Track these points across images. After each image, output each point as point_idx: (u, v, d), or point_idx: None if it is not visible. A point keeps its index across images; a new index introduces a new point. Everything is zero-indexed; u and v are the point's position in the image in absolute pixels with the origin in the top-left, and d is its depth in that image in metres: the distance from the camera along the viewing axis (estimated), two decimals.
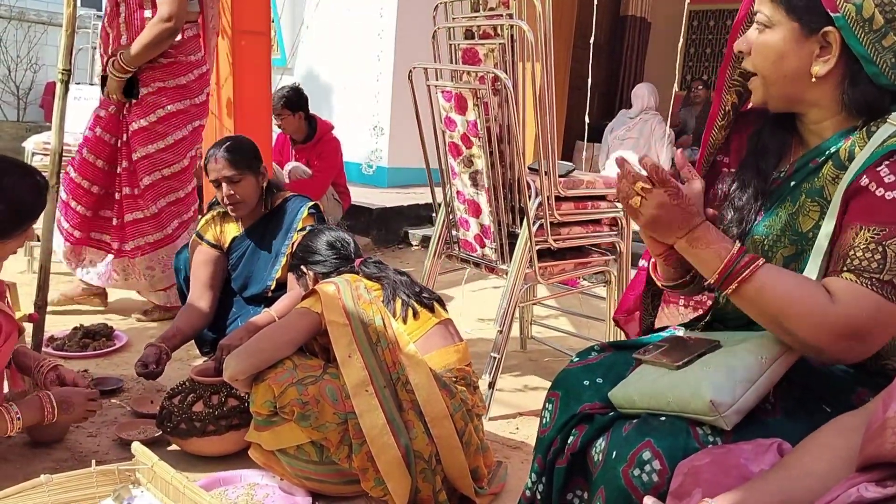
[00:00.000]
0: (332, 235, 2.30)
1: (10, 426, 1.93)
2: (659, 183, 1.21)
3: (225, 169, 2.57)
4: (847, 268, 1.12)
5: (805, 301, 1.11)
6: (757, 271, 1.15)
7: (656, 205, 1.22)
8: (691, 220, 1.21)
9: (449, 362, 2.08)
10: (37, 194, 1.96)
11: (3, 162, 1.94)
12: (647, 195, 1.22)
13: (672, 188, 1.20)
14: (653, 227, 1.26)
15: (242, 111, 3.76)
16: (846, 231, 1.15)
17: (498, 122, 2.55)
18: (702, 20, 9.26)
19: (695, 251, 1.22)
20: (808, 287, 1.13)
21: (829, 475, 0.93)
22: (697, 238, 1.21)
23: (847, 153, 1.21)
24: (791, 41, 1.20)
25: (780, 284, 1.14)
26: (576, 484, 1.30)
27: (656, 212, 1.22)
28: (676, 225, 1.22)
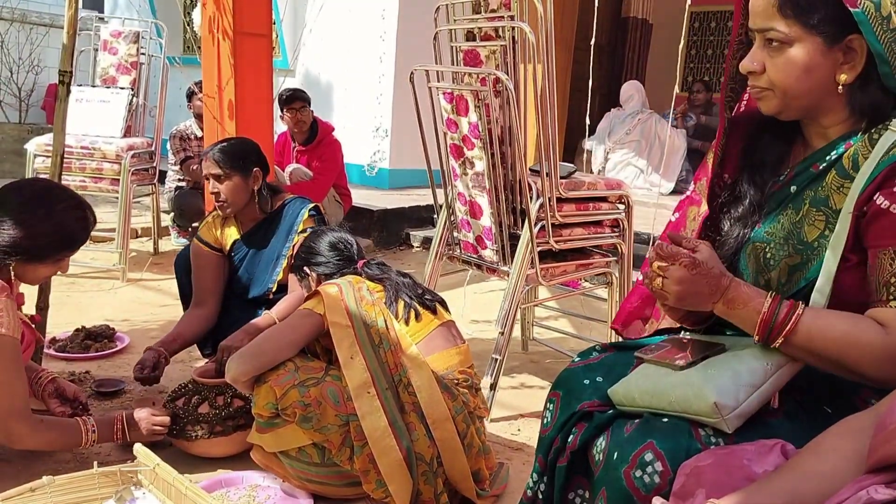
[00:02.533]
0: (335, 236, 2.30)
1: (85, 439, 2.00)
2: (669, 259, 1.20)
3: (213, 167, 2.59)
4: (894, 296, 1.12)
5: (860, 339, 1.11)
6: (799, 321, 1.14)
7: (677, 280, 1.20)
8: (719, 282, 1.19)
9: (451, 364, 2.07)
10: (83, 228, 2.02)
11: (60, 190, 2.04)
12: (666, 273, 1.21)
13: (685, 259, 1.18)
14: (683, 303, 1.23)
15: (244, 113, 3.75)
16: (876, 257, 1.14)
17: (499, 123, 2.55)
18: (703, 21, 9.26)
19: (734, 312, 1.20)
20: (859, 324, 1.13)
21: (836, 476, 0.93)
22: (732, 300, 1.19)
23: (850, 161, 1.20)
24: (817, 55, 1.18)
25: (828, 328, 1.13)
26: (577, 483, 1.30)
27: (679, 287, 1.20)
28: (706, 293, 1.20)
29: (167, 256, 4.76)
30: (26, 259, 1.93)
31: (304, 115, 4.66)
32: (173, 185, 5.14)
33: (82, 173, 4.34)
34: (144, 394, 2.65)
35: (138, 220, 5.33)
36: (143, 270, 4.40)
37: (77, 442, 1.99)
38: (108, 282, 4.16)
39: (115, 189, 4.33)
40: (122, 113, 4.56)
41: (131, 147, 4.38)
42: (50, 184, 2.08)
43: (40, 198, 1.96)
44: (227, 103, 3.70)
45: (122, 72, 4.82)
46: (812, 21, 1.16)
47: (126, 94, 4.64)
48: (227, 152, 2.60)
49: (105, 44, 4.85)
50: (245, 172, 2.62)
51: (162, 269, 4.47)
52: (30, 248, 1.91)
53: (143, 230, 5.32)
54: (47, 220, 1.92)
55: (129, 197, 4.32)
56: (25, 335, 1.96)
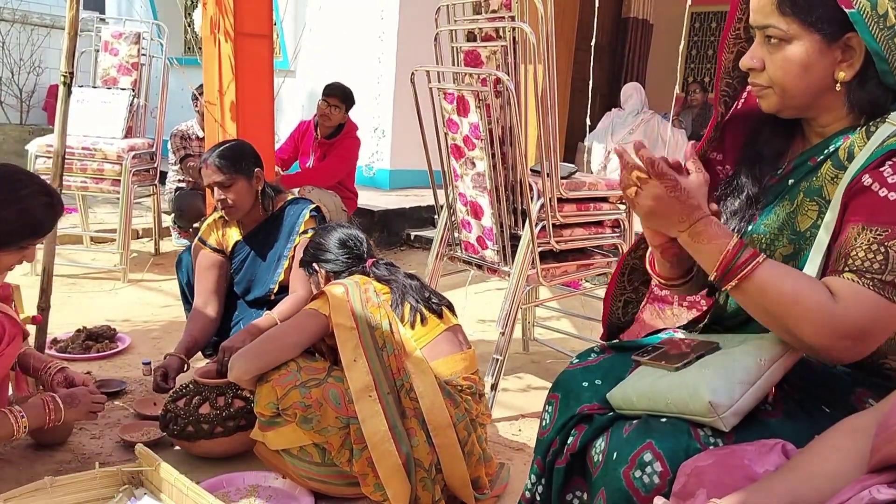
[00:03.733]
0: (345, 233, 2.27)
1: (16, 427, 1.91)
2: (655, 176, 1.19)
3: (215, 174, 2.57)
4: (849, 268, 1.11)
5: (807, 300, 1.10)
6: (758, 268, 1.14)
7: (652, 196, 1.20)
8: (692, 213, 1.19)
9: (456, 370, 2.06)
10: (48, 214, 1.94)
11: (24, 175, 1.95)
12: (644, 185, 1.21)
13: (669, 180, 1.18)
14: (651, 219, 1.24)
15: (245, 114, 3.76)
16: (847, 230, 1.14)
17: (500, 123, 2.55)
18: (703, 22, 9.26)
19: (697, 245, 1.20)
20: (811, 285, 1.12)
21: (837, 476, 0.93)
22: (699, 232, 1.19)
23: (846, 153, 1.21)
24: (815, 52, 1.18)
25: (782, 282, 1.13)
26: (575, 484, 1.30)
27: (652, 203, 1.20)
28: (676, 218, 1.20)
29: (168, 257, 4.76)
30: None
31: (333, 114, 4.58)
32: (173, 186, 5.14)
33: (83, 174, 4.34)
34: (146, 394, 2.66)
35: (139, 221, 5.34)
36: (144, 271, 4.40)
37: (9, 432, 1.90)
38: (109, 282, 4.16)
39: (116, 190, 4.34)
40: (122, 114, 4.56)
41: (132, 148, 4.39)
42: (14, 168, 1.97)
43: (3, 182, 1.87)
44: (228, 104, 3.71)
45: (122, 73, 4.83)
46: (810, 19, 1.17)
47: (127, 94, 4.65)
48: (226, 157, 2.59)
49: (106, 45, 4.85)
50: (248, 175, 2.62)
51: (163, 270, 4.47)
52: None
53: (143, 231, 5.33)
54: (10, 205, 1.84)
55: (130, 197, 4.32)
56: (7, 329, 1.89)
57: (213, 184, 2.59)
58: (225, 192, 2.59)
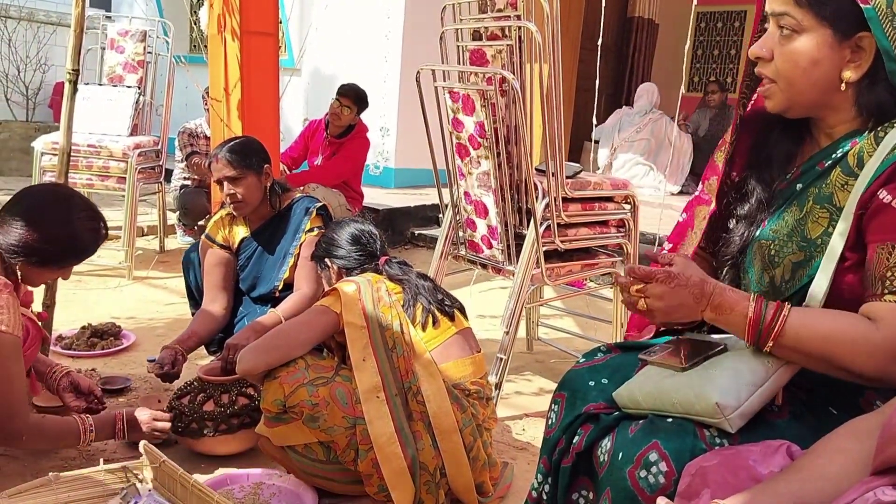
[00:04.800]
0: (359, 229, 2.25)
1: (83, 438, 1.99)
2: (645, 279, 1.20)
3: (226, 168, 2.58)
4: (888, 290, 1.10)
5: (849, 334, 1.10)
6: (787, 320, 1.13)
7: (657, 296, 1.20)
8: (702, 289, 1.19)
9: (465, 374, 2.05)
10: (94, 240, 2.03)
11: (79, 199, 2.04)
12: (645, 293, 1.21)
13: (660, 274, 1.19)
14: (672, 316, 1.23)
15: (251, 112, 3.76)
16: (875, 251, 1.13)
17: (505, 123, 2.54)
18: (709, 21, 9.25)
19: (723, 318, 1.19)
20: (848, 320, 1.12)
21: (841, 478, 0.92)
22: (719, 305, 1.19)
23: (856, 159, 1.19)
24: (825, 48, 1.17)
25: (816, 326, 1.12)
26: (581, 484, 1.30)
27: (662, 303, 1.20)
28: (691, 302, 1.20)
29: (173, 254, 4.77)
30: (33, 262, 1.93)
31: (344, 114, 4.58)
32: (179, 184, 5.15)
33: (89, 171, 4.36)
34: (150, 391, 2.66)
35: (144, 218, 5.35)
36: (149, 268, 4.41)
37: (75, 441, 1.99)
38: (114, 280, 4.17)
39: (121, 187, 4.35)
40: (128, 111, 4.58)
41: (138, 145, 4.39)
42: (70, 192, 2.08)
43: (58, 204, 1.96)
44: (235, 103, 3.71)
45: (128, 70, 4.84)
46: (825, 13, 1.16)
47: (133, 92, 4.66)
48: (237, 152, 2.60)
49: (112, 42, 4.86)
50: (257, 170, 2.63)
51: (168, 267, 4.48)
52: (39, 251, 1.91)
53: (149, 228, 5.34)
54: (62, 226, 1.93)
55: (135, 195, 4.34)
56: (31, 332, 1.96)
57: (224, 178, 2.59)
58: (234, 186, 2.59)
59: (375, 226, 2.33)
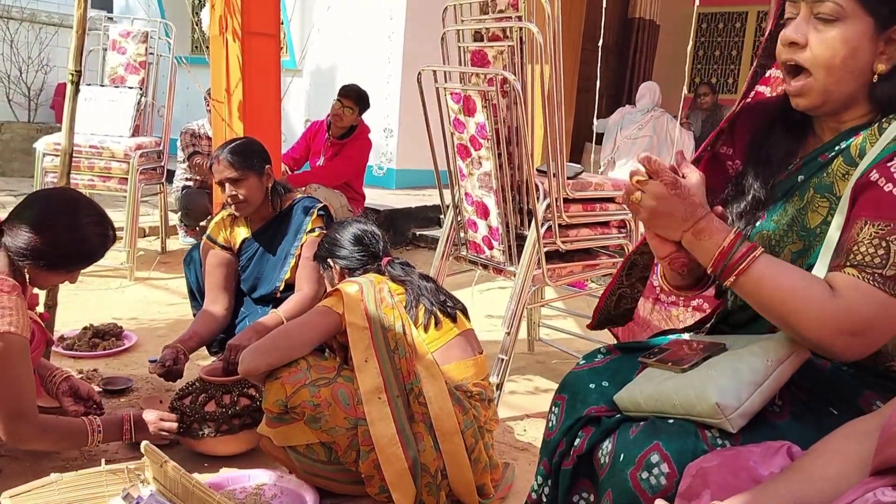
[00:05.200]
0: (361, 229, 2.24)
1: (91, 439, 1.99)
2: (654, 173, 1.17)
3: (227, 170, 2.58)
4: (850, 263, 1.11)
5: (806, 295, 1.10)
6: (754, 262, 1.13)
7: (654, 195, 1.17)
8: (694, 210, 1.17)
9: (467, 376, 2.05)
10: (102, 244, 2.03)
11: (87, 203, 2.04)
12: (644, 187, 1.18)
13: (667, 176, 1.16)
14: (654, 222, 1.21)
15: (252, 113, 3.77)
16: (852, 225, 1.13)
17: (506, 123, 2.55)
18: (710, 22, 9.25)
19: (699, 244, 1.18)
20: (810, 281, 1.12)
21: (841, 479, 0.92)
22: (702, 230, 1.17)
23: (858, 149, 1.20)
24: (865, 37, 1.15)
25: (780, 277, 1.12)
26: (582, 486, 1.30)
27: (654, 203, 1.18)
28: (679, 217, 1.18)
29: (175, 255, 4.78)
30: (41, 266, 1.93)
31: (346, 114, 4.58)
32: (181, 184, 5.15)
33: (91, 172, 4.36)
34: (152, 392, 2.66)
35: (146, 219, 5.35)
36: (151, 269, 4.42)
37: (83, 442, 2.00)
38: (115, 280, 4.18)
39: (123, 188, 4.36)
40: (130, 112, 4.58)
41: (139, 146, 4.40)
42: (78, 196, 2.08)
43: (67, 209, 1.97)
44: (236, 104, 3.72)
45: (130, 71, 4.84)
46: (870, 2, 1.14)
47: (134, 93, 4.66)
48: (238, 153, 2.60)
49: (114, 43, 4.87)
50: (259, 171, 2.63)
51: (169, 268, 4.49)
52: (47, 255, 1.91)
53: (150, 229, 5.34)
54: (71, 231, 1.94)
55: (137, 196, 4.34)
56: (35, 334, 1.97)
57: (225, 179, 2.59)
58: (236, 187, 2.59)
59: (378, 226, 2.33)
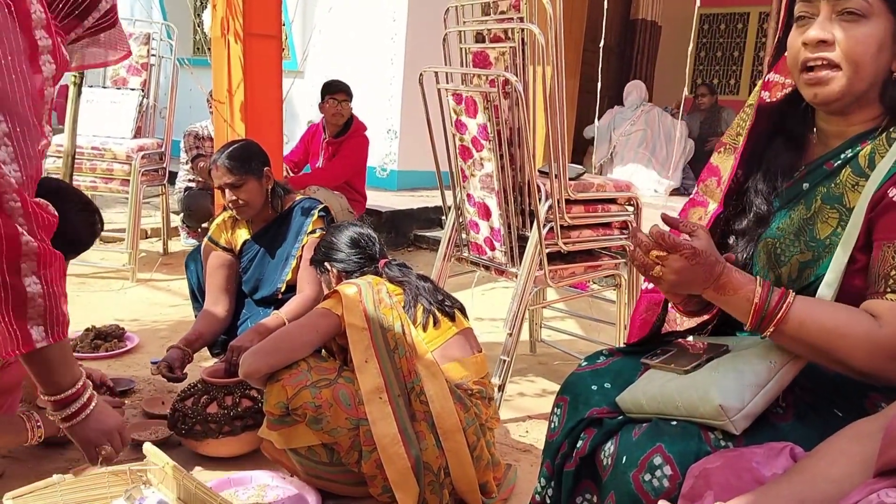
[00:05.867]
0: (357, 232, 2.25)
1: (31, 434, 1.92)
2: (671, 249, 1.17)
3: (226, 176, 2.58)
4: (891, 289, 1.10)
5: (851, 329, 1.09)
6: (791, 309, 1.12)
7: (675, 270, 1.17)
8: (712, 270, 1.17)
9: (466, 374, 2.06)
10: (90, 233, 1.98)
11: (70, 191, 1.99)
12: (665, 262, 1.18)
13: (686, 250, 1.16)
14: (677, 289, 1.22)
15: (254, 115, 3.77)
16: (880, 249, 1.13)
17: (508, 125, 2.55)
18: (712, 24, 9.25)
19: (725, 299, 1.18)
20: (851, 314, 1.12)
21: (844, 480, 0.92)
22: (723, 286, 1.17)
23: (867, 159, 1.19)
24: (888, 35, 1.17)
25: (820, 317, 1.12)
26: (585, 487, 1.30)
27: (676, 277, 1.18)
28: (700, 280, 1.17)
29: (177, 257, 4.78)
30: None
31: (343, 108, 4.56)
32: (183, 186, 5.16)
33: (93, 174, 4.36)
34: (154, 393, 2.67)
35: (148, 221, 5.36)
36: (153, 271, 4.42)
37: (23, 438, 1.91)
38: (117, 282, 4.18)
39: (125, 189, 4.36)
40: (132, 114, 4.59)
41: (141, 148, 4.40)
42: (60, 183, 2.05)
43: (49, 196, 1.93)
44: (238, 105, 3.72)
45: (132, 73, 4.85)
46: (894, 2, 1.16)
47: (136, 95, 4.67)
48: (236, 158, 2.60)
49: None
50: (258, 174, 2.63)
51: (171, 270, 4.49)
52: None
53: (152, 230, 5.35)
54: None
55: (139, 197, 4.34)
56: None
57: (224, 185, 2.59)
58: (236, 192, 2.59)
59: (373, 229, 2.34)
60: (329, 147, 4.66)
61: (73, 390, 1.49)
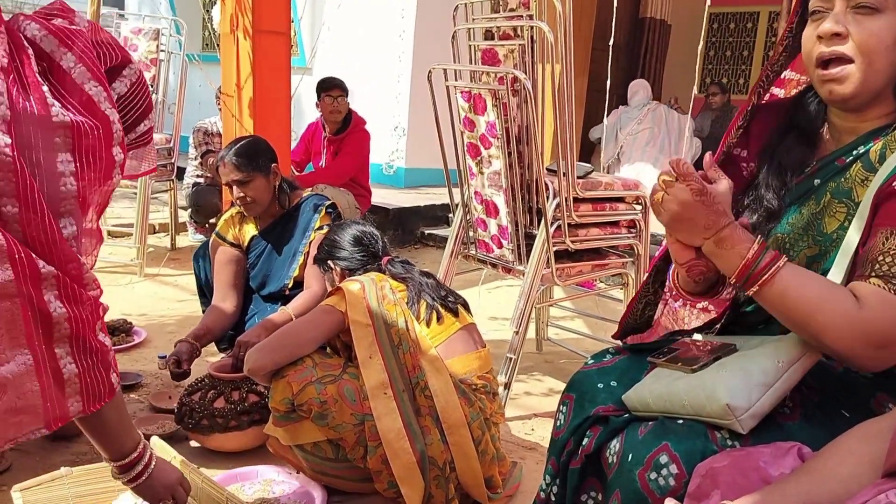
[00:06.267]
0: (359, 230, 2.26)
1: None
2: (681, 176, 1.15)
3: (233, 173, 2.58)
4: (875, 273, 1.09)
5: (832, 305, 1.08)
6: (778, 272, 1.11)
7: (678, 201, 1.15)
8: (718, 219, 1.15)
9: (470, 369, 2.06)
10: None
11: None
12: (669, 189, 1.16)
13: (694, 182, 1.14)
14: (676, 226, 1.19)
15: (262, 111, 3.78)
16: (875, 235, 1.12)
17: (516, 122, 2.55)
18: (722, 22, 9.21)
19: (720, 252, 1.16)
20: (835, 291, 1.11)
21: (852, 480, 0.92)
22: (723, 238, 1.15)
23: (877, 155, 1.19)
24: None
25: (804, 287, 1.11)
26: (590, 485, 1.30)
27: (678, 208, 1.15)
28: (701, 224, 1.15)
29: (184, 252, 4.80)
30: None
31: (340, 104, 4.56)
32: (191, 181, 5.17)
33: None
34: (161, 387, 2.68)
35: (156, 216, 5.38)
36: (161, 266, 4.43)
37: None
38: (125, 277, 4.20)
39: (133, 184, 4.37)
40: None
41: None
42: None
43: None
44: (246, 101, 3.73)
45: (141, 68, 4.85)
46: None
47: None
48: (242, 154, 2.60)
49: (125, 40, 4.88)
50: (265, 171, 2.63)
51: (179, 265, 4.51)
52: None
53: (160, 226, 5.37)
54: None
55: (147, 193, 4.36)
56: None
57: (232, 182, 2.60)
58: (243, 189, 2.60)
59: (376, 227, 2.34)
60: (331, 145, 4.66)
61: (136, 454, 1.51)
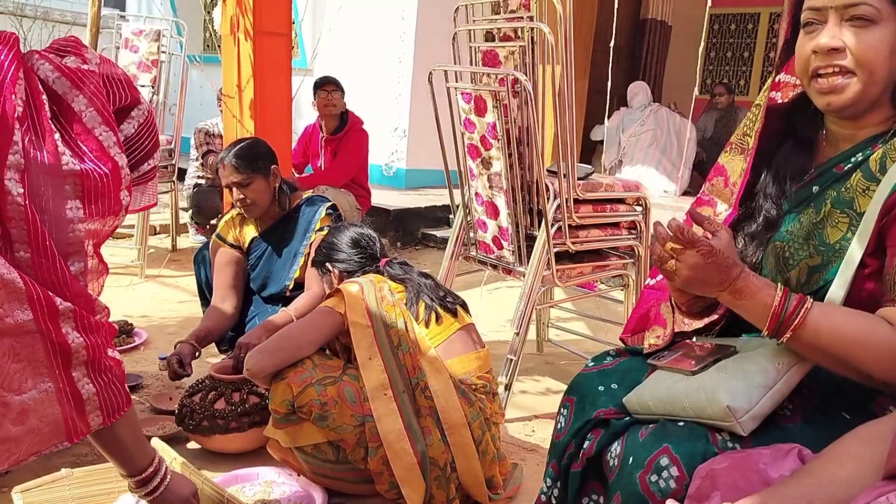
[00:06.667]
0: (357, 233, 2.27)
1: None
2: (687, 244, 1.15)
3: (233, 174, 2.58)
4: None
5: (869, 338, 1.08)
6: (808, 314, 1.11)
7: (689, 266, 1.15)
8: (730, 271, 1.15)
9: (470, 369, 2.06)
10: None
11: None
12: (680, 256, 1.16)
13: (703, 247, 1.14)
14: (690, 287, 1.20)
15: (263, 112, 3.78)
16: (894, 256, 1.12)
17: (517, 124, 2.55)
18: (723, 24, 9.20)
19: (741, 303, 1.16)
20: (869, 322, 1.10)
21: (853, 483, 0.92)
22: (740, 290, 1.15)
23: (878, 164, 1.18)
24: None
25: (836, 325, 1.10)
26: (591, 488, 1.30)
27: (690, 273, 1.15)
28: (715, 281, 1.15)
29: (185, 253, 4.80)
30: None
31: (335, 97, 4.55)
32: (192, 182, 5.17)
33: None
34: (162, 389, 2.68)
35: (157, 217, 5.38)
36: (162, 267, 4.44)
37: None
38: (126, 278, 4.20)
39: None
40: None
41: None
42: None
43: None
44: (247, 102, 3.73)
45: (142, 70, 4.86)
46: None
47: (146, 91, 4.67)
48: (242, 157, 2.60)
49: (126, 42, 4.88)
50: (265, 172, 2.63)
51: (180, 266, 4.51)
52: None
53: (161, 227, 5.37)
54: None
55: None
56: None
57: (232, 184, 2.60)
58: (243, 191, 2.60)
59: (374, 229, 2.35)
60: (329, 145, 4.66)
61: (153, 468, 1.55)
